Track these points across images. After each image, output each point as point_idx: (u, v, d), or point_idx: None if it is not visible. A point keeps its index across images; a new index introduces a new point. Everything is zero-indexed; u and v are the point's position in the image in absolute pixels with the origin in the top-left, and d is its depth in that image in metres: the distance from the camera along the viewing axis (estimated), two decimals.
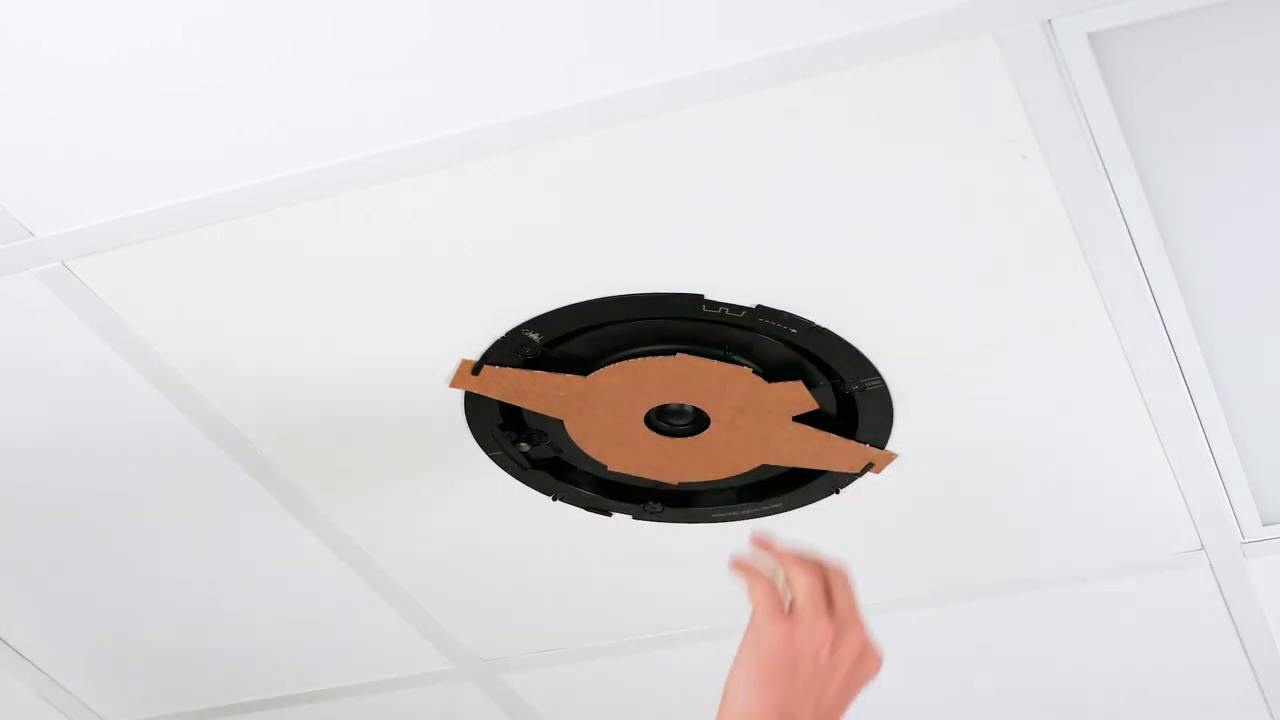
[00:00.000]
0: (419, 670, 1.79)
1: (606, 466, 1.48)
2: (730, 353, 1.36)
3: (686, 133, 1.16)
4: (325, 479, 1.52)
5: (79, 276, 1.30)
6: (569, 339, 1.36)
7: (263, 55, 1.12)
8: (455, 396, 1.41)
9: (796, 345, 1.35)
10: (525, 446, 1.45)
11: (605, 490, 1.51)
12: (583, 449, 1.46)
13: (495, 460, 1.48)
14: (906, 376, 1.37)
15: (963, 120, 1.14)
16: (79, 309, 1.33)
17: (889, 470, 1.46)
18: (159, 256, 1.28)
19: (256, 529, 1.58)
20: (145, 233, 1.26)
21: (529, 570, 1.63)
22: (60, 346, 1.37)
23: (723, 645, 1.68)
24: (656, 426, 1.44)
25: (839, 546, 1.34)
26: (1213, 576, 1.58)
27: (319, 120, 1.16)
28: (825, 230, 1.24)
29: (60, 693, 1.84)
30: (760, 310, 1.31)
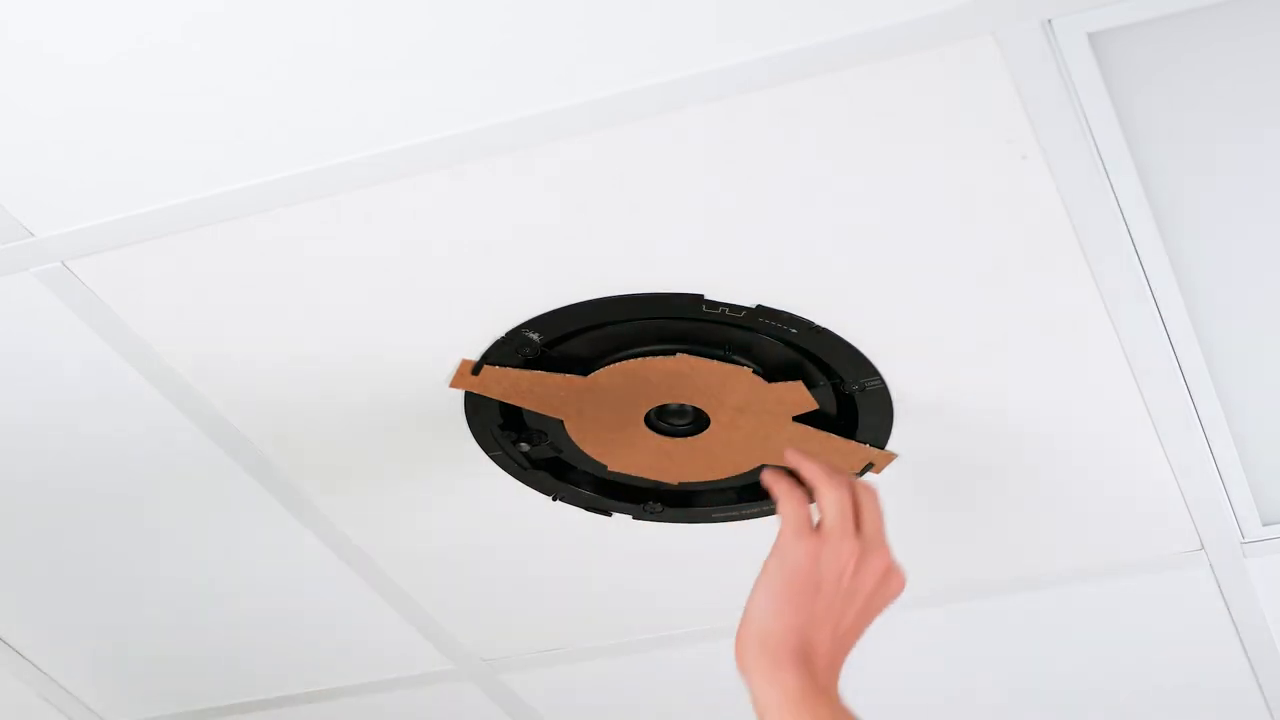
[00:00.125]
0: (419, 670, 1.79)
1: (606, 466, 1.48)
2: (730, 353, 1.36)
3: (686, 133, 1.16)
4: (325, 479, 1.52)
5: (79, 276, 1.30)
6: (569, 339, 1.36)
7: (263, 55, 1.12)
8: (455, 396, 1.41)
9: (796, 345, 1.35)
10: (525, 446, 1.45)
11: (605, 490, 1.51)
12: (583, 449, 1.46)
13: (495, 460, 1.48)
14: (906, 376, 1.37)
15: (963, 120, 1.14)
16: (79, 309, 1.33)
17: (889, 470, 1.45)
18: (159, 256, 1.28)
19: (256, 529, 1.58)
20: (145, 233, 1.26)
21: (529, 570, 1.63)
22: (60, 346, 1.37)
23: (723, 645, 1.68)
24: (656, 426, 1.44)
25: None
26: (1213, 576, 1.58)
27: (319, 120, 1.16)
28: (825, 230, 1.24)
29: (60, 693, 1.84)
30: (760, 310, 1.31)
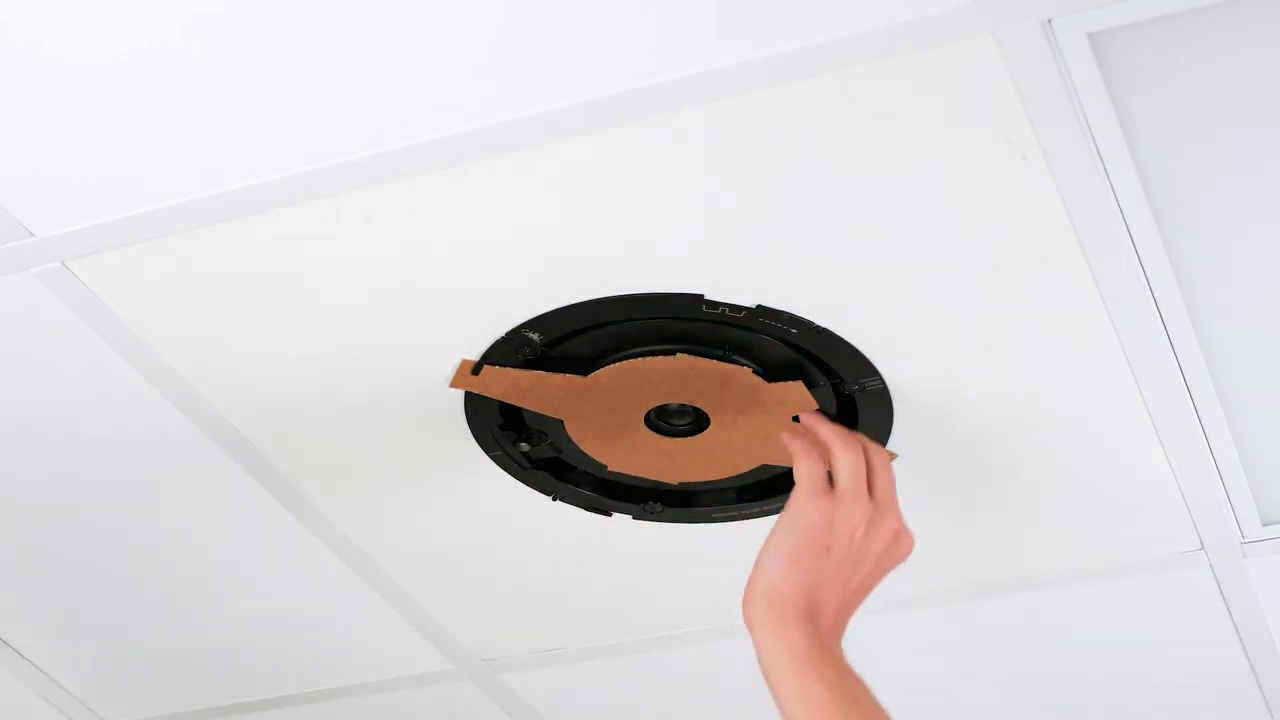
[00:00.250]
0: (419, 670, 1.79)
1: (606, 466, 1.48)
2: (730, 353, 1.36)
3: (686, 133, 1.16)
4: (325, 479, 1.52)
5: (79, 276, 1.30)
6: (569, 339, 1.36)
7: (263, 55, 1.12)
8: (455, 396, 1.41)
9: (796, 345, 1.35)
10: (525, 446, 1.45)
11: (605, 490, 1.51)
12: (583, 449, 1.46)
13: (495, 460, 1.48)
14: (906, 376, 1.37)
15: (963, 120, 1.14)
16: (79, 309, 1.33)
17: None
18: (159, 256, 1.28)
19: (256, 529, 1.58)
20: (145, 233, 1.26)
21: (529, 570, 1.63)
22: (60, 346, 1.37)
23: (723, 645, 1.69)
24: (656, 426, 1.44)
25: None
26: (1213, 576, 1.58)
27: (319, 120, 1.16)
28: (825, 230, 1.24)
29: (60, 693, 1.84)
30: (760, 310, 1.31)
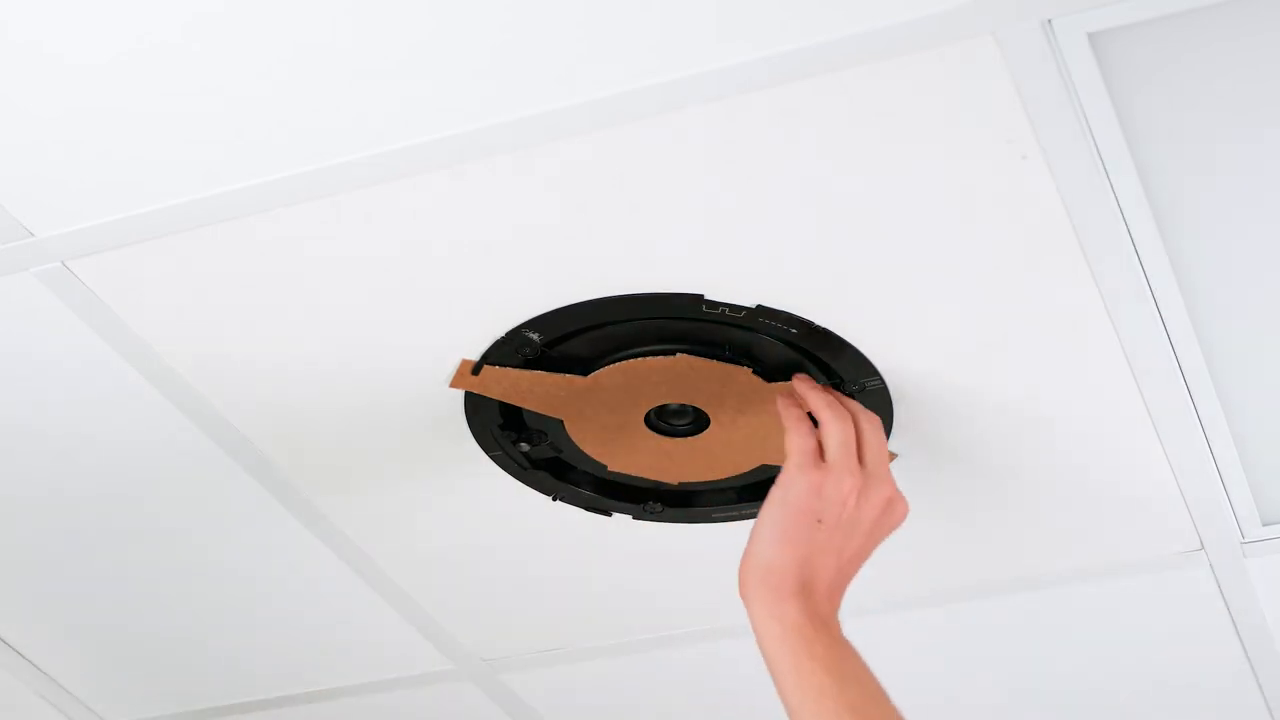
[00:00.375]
0: (419, 670, 1.79)
1: (606, 466, 1.48)
2: (730, 353, 1.36)
3: (686, 133, 1.16)
4: (325, 479, 1.52)
5: (79, 276, 1.30)
6: (569, 339, 1.36)
7: (263, 55, 1.12)
8: (455, 396, 1.41)
9: (796, 345, 1.35)
10: (525, 446, 1.45)
11: (605, 490, 1.51)
12: (583, 449, 1.46)
13: (495, 460, 1.48)
14: (906, 376, 1.37)
15: (963, 120, 1.14)
16: (79, 309, 1.33)
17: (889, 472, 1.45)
18: (159, 256, 1.28)
19: (256, 529, 1.58)
20: (145, 233, 1.26)
21: (529, 570, 1.63)
22: (60, 346, 1.37)
23: (723, 645, 1.69)
24: (656, 426, 1.44)
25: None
26: (1213, 576, 1.58)
27: (319, 120, 1.16)
28: (825, 230, 1.24)
29: (60, 693, 1.84)
30: (760, 310, 1.31)
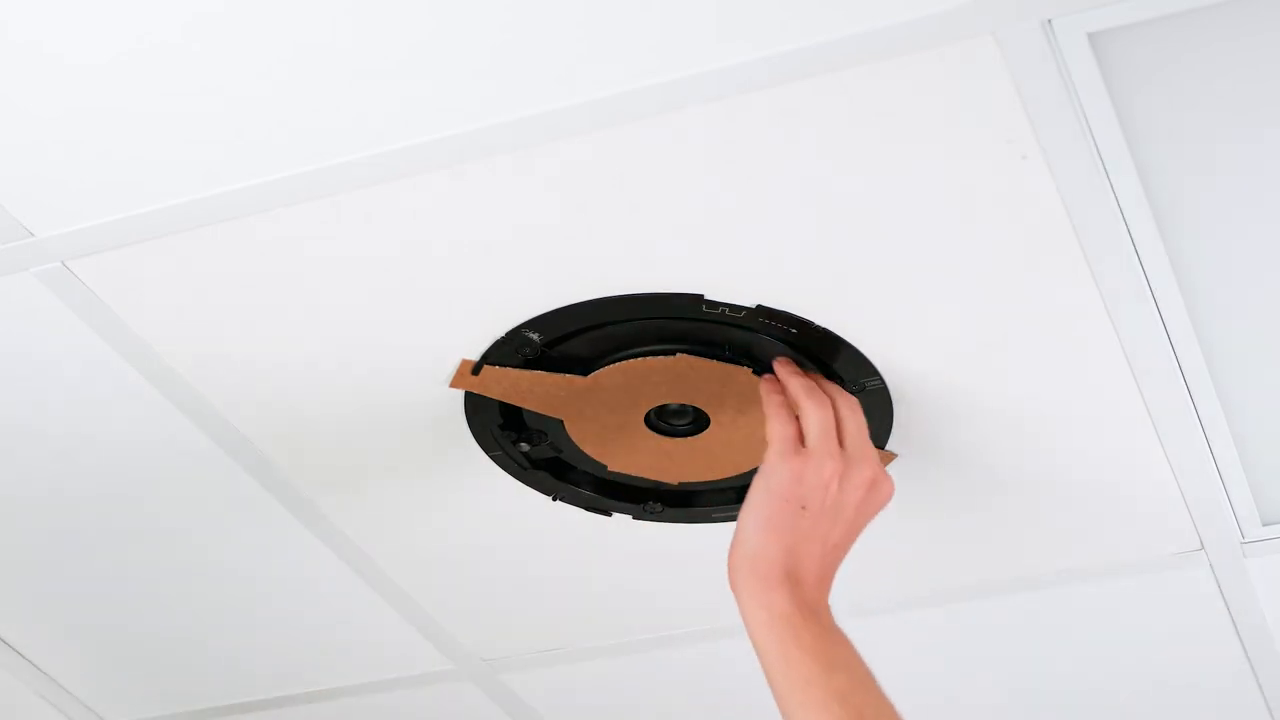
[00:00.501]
0: (419, 670, 1.79)
1: (606, 466, 1.48)
2: (730, 353, 1.36)
3: (686, 133, 1.16)
4: (325, 479, 1.52)
5: (79, 276, 1.30)
6: (569, 339, 1.36)
7: (263, 55, 1.12)
8: (455, 396, 1.41)
9: (796, 345, 1.35)
10: (525, 446, 1.45)
11: (605, 490, 1.51)
12: (583, 449, 1.46)
13: (495, 460, 1.48)
14: (906, 376, 1.37)
15: (963, 120, 1.14)
16: (79, 309, 1.33)
17: (889, 470, 1.45)
18: (159, 256, 1.28)
19: (256, 529, 1.58)
20: (145, 233, 1.26)
21: (529, 570, 1.63)
22: (60, 346, 1.37)
23: (723, 645, 1.69)
24: (656, 426, 1.44)
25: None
26: (1213, 576, 1.58)
27: (319, 120, 1.16)
28: (825, 230, 1.24)
29: (60, 693, 1.84)
30: (760, 310, 1.31)
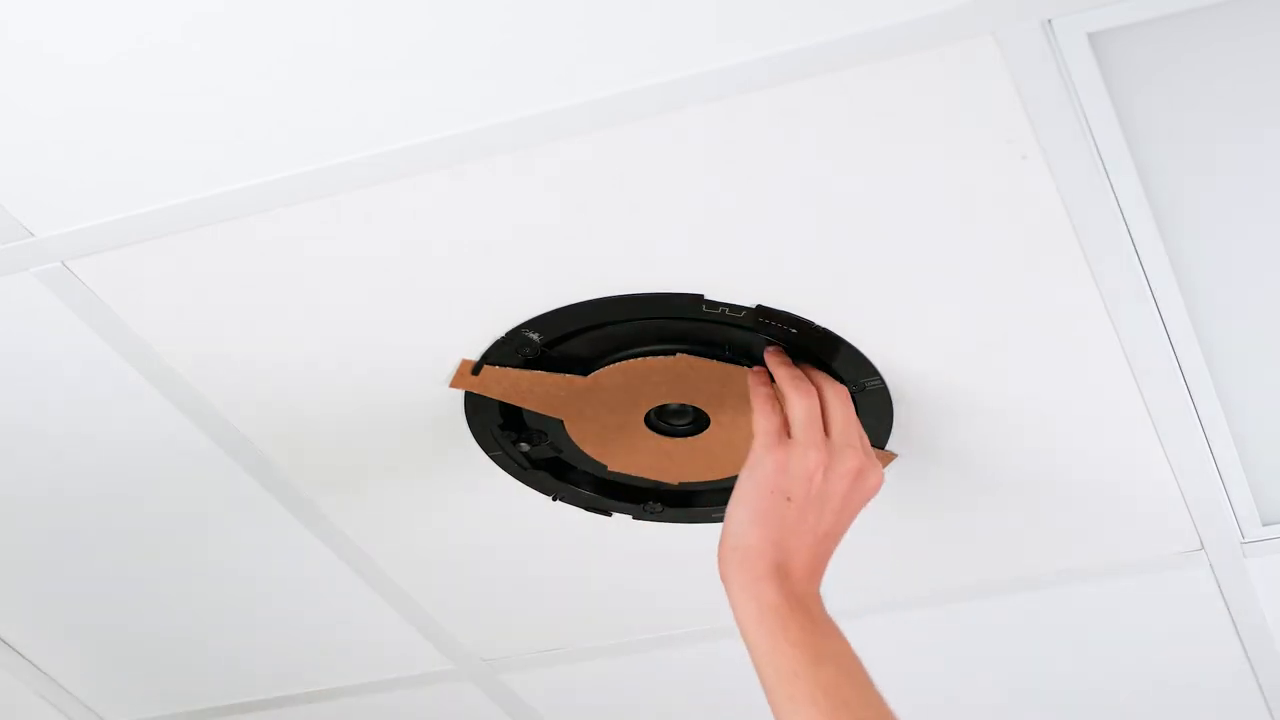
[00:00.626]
0: (419, 670, 1.79)
1: (606, 466, 1.48)
2: (730, 353, 1.36)
3: (686, 133, 1.16)
4: (325, 479, 1.52)
5: (79, 276, 1.30)
6: (569, 339, 1.36)
7: (263, 55, 1.12)
8: (455, 396, 1.41)
9: (796, 345, 1.35)
10: (525, 446, 1.45)
11: (605, 490, 1.51)
12: (583, 449, 1.46)
13: (495, 460, 1.48)
14: (906, 376, 1.37)
15: (963, 120, 1.14)
16: (79, 309, 1.33)
17: (889, 470, 1.45)
18: (159, 256, 1.28)
19: (256, 529, 1.58)
20: (145, 233, 1.26)
21: (529, 570, 1.63)
22: (60, 346, 1.37)
23: (723, 645, 1.69)
24: (656, 426, 1.44)
25: (839, 547, 1.34)
26: (1213, 576, 1.58)
27: (319, 120, 1.16)
28: (825, 230, 1.24)
29: (60, 693, 1.84)
30: (760, 310, 1.31)
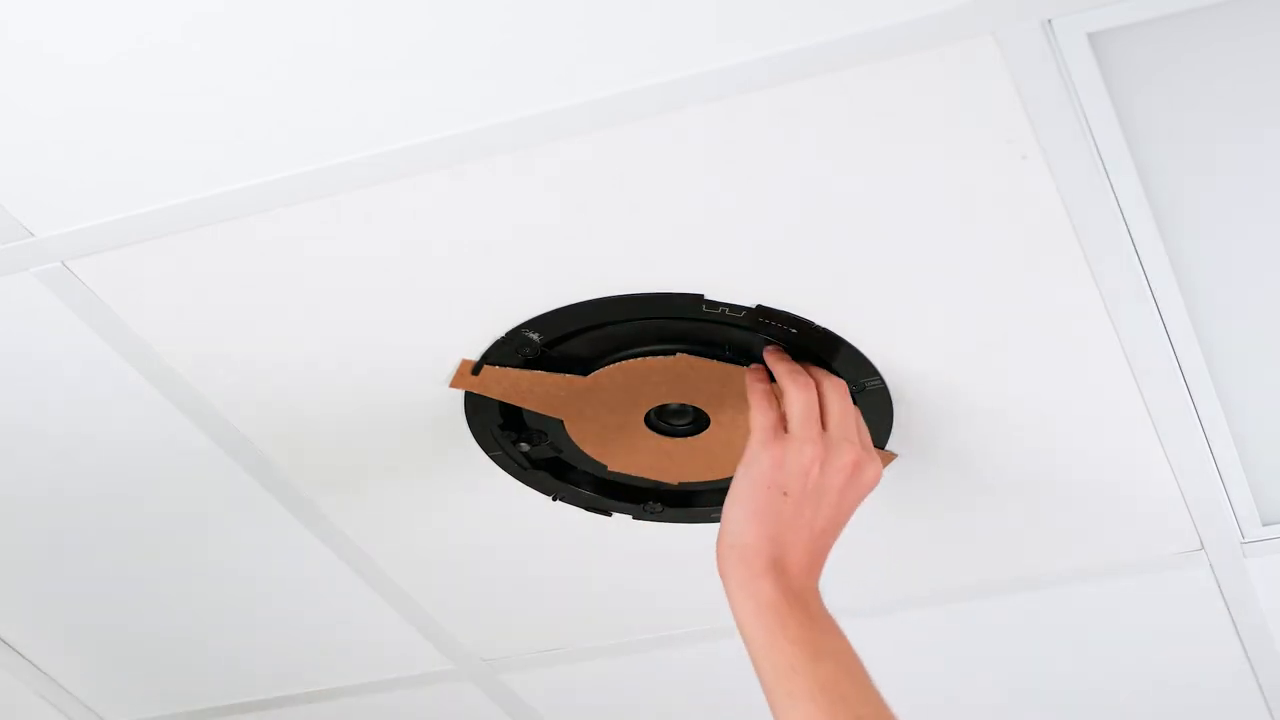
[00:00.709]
0: (419, 670, 1.79)
1: (606, 466, 1.48)
2: (730, 353, 1.36)
3: (686, 133, 1.16)
4: (325, 479, 1.52)
5: (79, 276, 1.30)
6: (569, 339, 1.36)
7: (263, 55, 1.12)
8: (455, 396, 1.41)
9: (796, 345, 1.35)
10: (525, 446, 1.45)
11: (605, 490, 1.51)
12: (583, 449, 1.46)
13: (495, 460, 1.48)
14: (906, 376, 1.37)
15: (963, 120, 1.14)
16: (79, 309, 1.33)
17: (889, 470, 1.45)
18: (159, 256, 1.28)
19: (256, 529, 1.58)
20: (145, 233, 1.26)
21: (529, 570, 1.63)
22: (60, 346, 1.37)
23: (723, 645, 1.69)
24: (656, 426, 1.44)
25: (839, 546, 1.34)
26: (1213, 576, 1.58)
27: (319, 120, 1.16)
28: (825, 230, 1.24)
29: (60, 693, 1.84)
30: (760, 310, 1.31)
